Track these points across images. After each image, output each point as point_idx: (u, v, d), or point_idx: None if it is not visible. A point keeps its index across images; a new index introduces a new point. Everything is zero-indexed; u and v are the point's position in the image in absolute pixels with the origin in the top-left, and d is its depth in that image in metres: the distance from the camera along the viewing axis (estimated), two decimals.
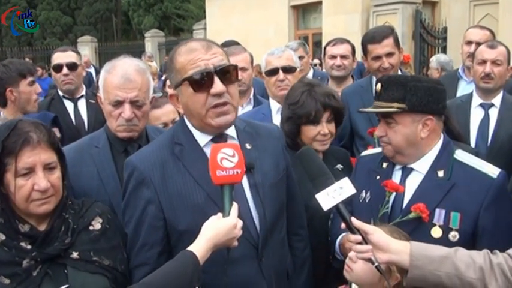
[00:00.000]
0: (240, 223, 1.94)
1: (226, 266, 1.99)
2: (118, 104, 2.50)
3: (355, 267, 2.08)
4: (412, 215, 2.24)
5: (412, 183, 2.37)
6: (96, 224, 2.14)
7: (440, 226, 2.23)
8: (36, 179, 1.94)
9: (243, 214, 2.05)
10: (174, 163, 2.14)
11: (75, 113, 4.47)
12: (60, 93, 4.54)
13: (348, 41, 5.12)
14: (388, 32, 3.86)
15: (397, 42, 3.86)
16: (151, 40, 22.78)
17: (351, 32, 11.78)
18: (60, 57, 4.48)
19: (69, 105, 4.50)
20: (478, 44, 4.35)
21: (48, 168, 1.99)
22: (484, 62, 3.79)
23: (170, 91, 2.19)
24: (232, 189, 1.96)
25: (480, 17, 12.07)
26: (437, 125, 2.36)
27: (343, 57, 4.85)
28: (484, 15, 11.97)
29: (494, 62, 3.76)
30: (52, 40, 31.09)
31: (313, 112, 2.84)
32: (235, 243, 1.96)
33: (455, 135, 2.73)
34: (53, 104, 4.48)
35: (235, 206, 1.95)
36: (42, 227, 2.01)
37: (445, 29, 13.35)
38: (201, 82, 2.03)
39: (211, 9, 17.78)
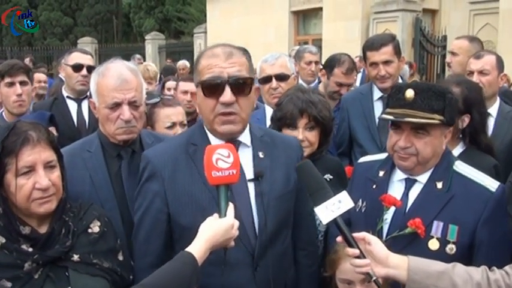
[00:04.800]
0: (236, 223, 1.95)
1: (223, 266, 2.01)
2: (116, 106, 2.46)
3: None
4: (408, 230, 2.21)
5: (415, 195, 2.34)
6: (95, 227, 2.13)
7: (437, 238, 2.21)
8: (37, 178, 1.93)
9: (245, 221, 2.07)
10: (186, 162, 2.19)
11: (77, 113, 4.47)
12: (65, 94, 4.53)
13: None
14: (387, 39, 3.86)
15: (397, 51, 3.84)
16: (152, 42, 22.80)
17: (351, 39, 11.83)
18: (81, 58, 4.51)
19: (72, 106, 4.49)
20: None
21: (48, 166, 1.97)
22: (471, 73, 3.80)
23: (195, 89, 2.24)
24: (228, 189, 1.97)
25: (480, 26, 12.07)
26: None
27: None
28: (484, 24, 11.96)
29: (480, 72, 3.76)
30: (52, 40, 31.02)
31: (289, 115, 2.81)
32: (232, 243, 1.96)
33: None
34: (55, 103, 4.48)
35: (231, 206, 1.96)
36: (42, 230, 2.00)
37: (444, 37, 13.40)
38: (211, 88, 2.07)
39: (212, 12, 17.81)
